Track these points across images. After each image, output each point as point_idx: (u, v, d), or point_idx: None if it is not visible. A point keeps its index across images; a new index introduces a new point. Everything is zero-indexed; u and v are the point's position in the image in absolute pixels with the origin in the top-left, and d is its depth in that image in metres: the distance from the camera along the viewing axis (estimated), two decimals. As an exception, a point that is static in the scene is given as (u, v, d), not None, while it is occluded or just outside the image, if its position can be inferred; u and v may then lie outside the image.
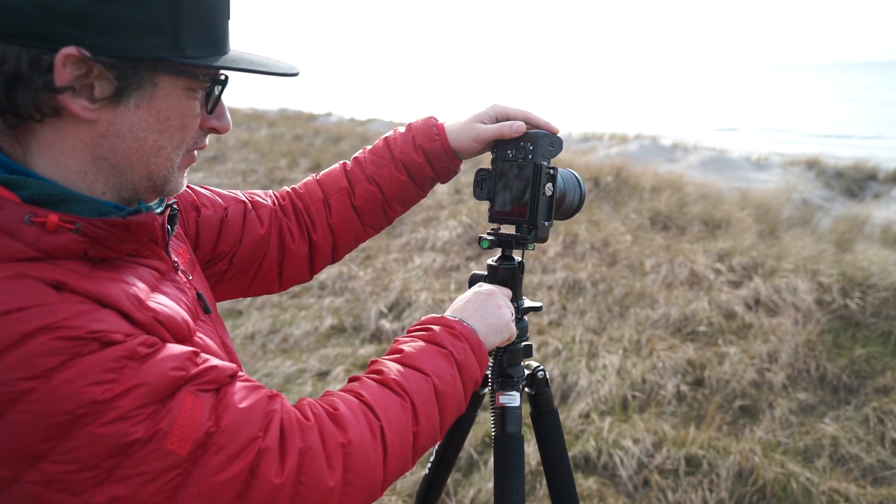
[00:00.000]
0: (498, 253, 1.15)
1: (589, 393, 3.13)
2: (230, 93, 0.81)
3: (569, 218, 1.19)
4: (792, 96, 46.17)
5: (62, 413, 0.58)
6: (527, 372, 1.21)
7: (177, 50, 0.69)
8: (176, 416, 0.63)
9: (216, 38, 0.74)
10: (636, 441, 2.71)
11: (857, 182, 8.47)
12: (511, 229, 1.12)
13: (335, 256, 1.21)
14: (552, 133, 1.12)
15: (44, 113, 0.67)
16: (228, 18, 0.76)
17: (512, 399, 1.13)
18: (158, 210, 0.81)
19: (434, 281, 4.56)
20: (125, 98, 0.69)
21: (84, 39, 0.64)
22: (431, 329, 0.92)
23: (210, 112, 0.78)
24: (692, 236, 5.12)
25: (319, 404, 0.78)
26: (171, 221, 0.85)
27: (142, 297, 0.69)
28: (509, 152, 1.10)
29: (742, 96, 48.34)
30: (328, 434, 0.74)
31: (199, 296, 0.86)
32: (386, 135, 1.19)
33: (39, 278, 0.62)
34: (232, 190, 1.14)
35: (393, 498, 2.45)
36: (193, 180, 8.16)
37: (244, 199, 1.12)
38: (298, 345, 3.85)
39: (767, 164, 9.45)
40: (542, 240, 1.09)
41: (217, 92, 0.77)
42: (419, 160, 1.14)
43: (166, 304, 0.72)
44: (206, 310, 0.86)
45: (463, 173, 6.20)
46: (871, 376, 3.19)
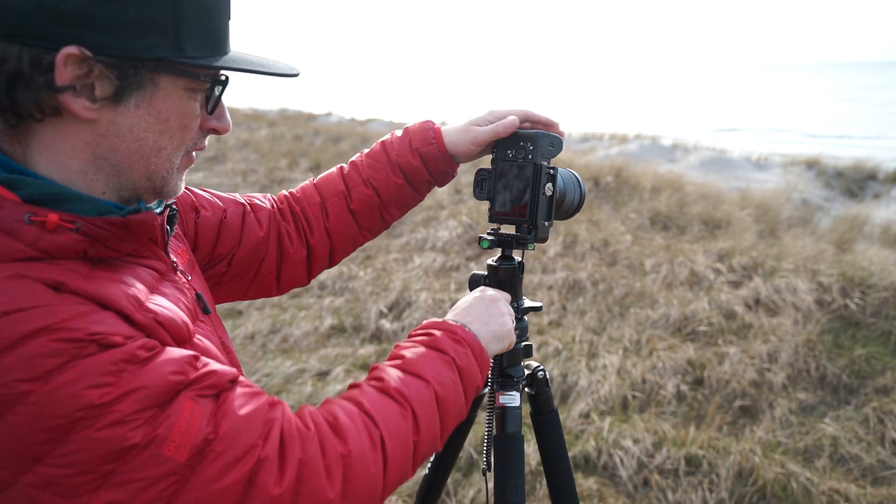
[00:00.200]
0: (498, 253, 1.15)
1: (589, 393, 3.13)
2: (230, 93, 0.81)
3: (569, 218, 1.19)
4: (792, 96, 46.15)
5: (60, 416, 0.58)
6: (527, 372, 1.21)
7: (177, 50, 0.69)
8: (174, 422, 0.62)
9: (217, 39, 0.74)
10: (636, 441, 2.71)
11: (857, 182, 8.47)
12: (511, 229, 1.12)
13: (332, 260, 1.21)
14: (554, 129, 1.12)
15: (44, 112, 0.67)
16: (229, 19, 0.76)
17: (512, 399, 1.13)
18: (158, 210, 0.81)
19: (434, 281, 4.56)
20: (126, 98, 0.69)
21: (85, 39, 0.64)
22: (433, 334, 0.91)
23: (210, 113, 0.78)
24: (692, 236, 5.12)
25: (319, 413, 0.77)
26: (171, 222, 0.85)
27: (141, 299, 0.69)
28: (509, 152, 1.10)
29: (742, 96, 48.33)
30: (328, 444, 0.72)
31: (199, 296, 0.86)
32: (383, 138, 1.19)
33: (39, 279, 0.62)
34: (231, 192, 1.14)
35: (393, 498, 2.44)
36: (193, 180, 8.16)
37: (243, 202, 1.12)
38: (298, 345, 3.85)
39: (767, 164, 9.45)
40: (542, 240, 1.09)
41: (217, 92, 0.77)
42: (416, 164, 1.14)
43: (166, 306, 0.72)
44: (206, 310, 0.86)
45: (463, 174, 6.20)
46: (871, 376, 3.19)
